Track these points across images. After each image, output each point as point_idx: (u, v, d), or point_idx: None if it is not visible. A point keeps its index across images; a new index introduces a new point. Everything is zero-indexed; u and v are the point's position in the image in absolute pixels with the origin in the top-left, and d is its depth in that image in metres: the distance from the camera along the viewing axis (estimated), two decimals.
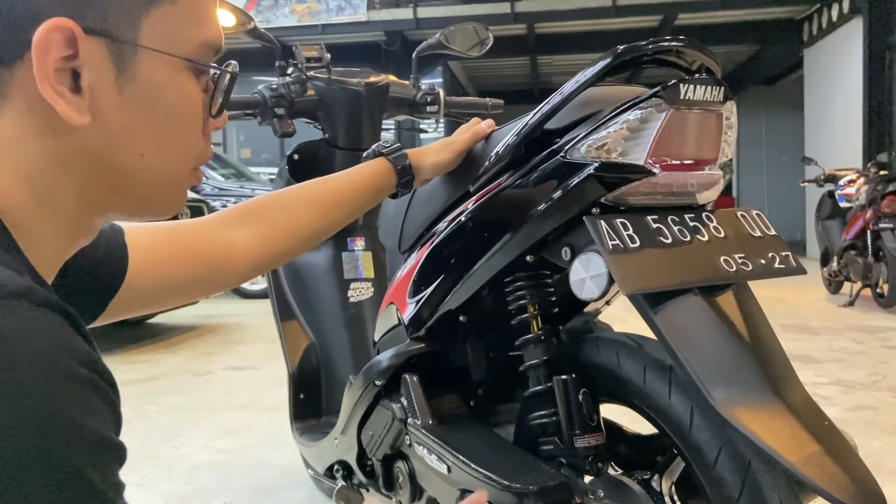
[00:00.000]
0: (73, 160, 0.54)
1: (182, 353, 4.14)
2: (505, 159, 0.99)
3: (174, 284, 0.90)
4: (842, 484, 0.67)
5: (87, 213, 0.58)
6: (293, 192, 1.03)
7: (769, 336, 0.80)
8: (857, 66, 8.17)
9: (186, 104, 0.59)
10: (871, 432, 2.50)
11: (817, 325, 4.70)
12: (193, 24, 0.58)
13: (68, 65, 0.51)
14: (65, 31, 0.50)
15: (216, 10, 0.61)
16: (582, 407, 0.95)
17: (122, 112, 0.54)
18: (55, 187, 0.54)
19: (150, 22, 0.54)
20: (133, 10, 0.53)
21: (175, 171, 0.61)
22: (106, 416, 0.45)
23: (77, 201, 0.56)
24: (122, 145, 0.56)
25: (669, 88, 0.83)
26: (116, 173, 0.56)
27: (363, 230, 1.75)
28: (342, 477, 1.45)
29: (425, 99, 1.75)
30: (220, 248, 0.93)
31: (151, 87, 0.55)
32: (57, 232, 0.56)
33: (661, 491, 0.91)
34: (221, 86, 0.61)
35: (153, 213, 0.63)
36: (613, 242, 0.80)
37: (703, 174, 0.89)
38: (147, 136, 0.57)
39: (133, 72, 0.54)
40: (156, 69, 0.55)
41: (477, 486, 0.97)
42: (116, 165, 0.56)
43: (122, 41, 0.53)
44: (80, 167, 0.55)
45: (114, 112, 0.54)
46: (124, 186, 0.58)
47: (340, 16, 9.31)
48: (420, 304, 1.13)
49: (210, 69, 0.60)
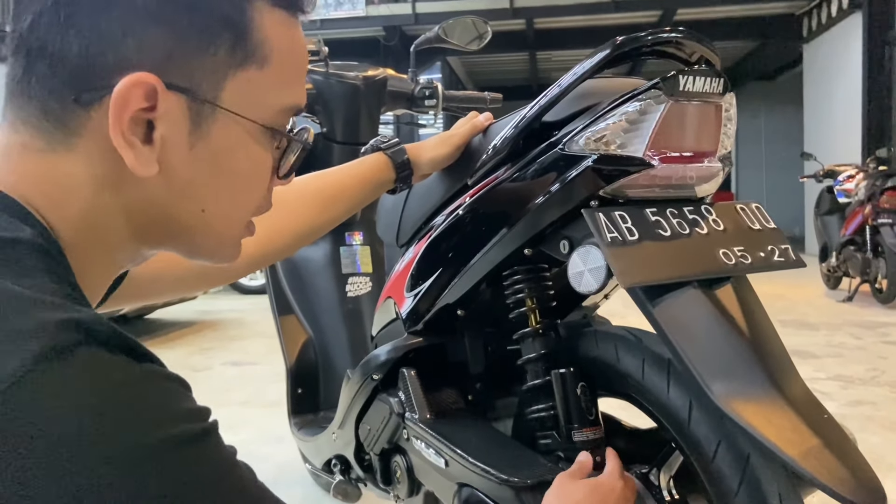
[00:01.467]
0: (134, 208, 0.54)
1: (180, 348, 4.14)
2: (503, 152, 0.99)
3: (175, 277, 0.91)
4: (841, 477, 0.66)
5: (139, 247, 0.58)
6: (291, 188, 1.02)
7: (768, 329, 0.80)
8: (857, 62, 8.16)
9: (255, 167, 0.58)
10: (870, 427, 2.50)
11: (816, 320, 4.70)
12: (278, 90, 0.57)
13: (144, 115, 0.51)
14: (147, 87, 0.49)
15: (305, 73, 0.60)
16: (580, 401, 0.95)
17: (190, 168, 0.54)
18: (113, 229, 0.54)
19: (234, 84, 0.54)
20: (219, 71, 0.53)
21: (234, 227, 0.61)
22: None
23: (131, 240, 0.56)
24: (185, 200, 0.55)
25: (668, 80, 0.83)
26: (176, 224, 0.57)
27: (361, 225, 1.75)
28: (340, 471, 1.45)
29: (423, 93, 1.74)
30: None
31: (223, 148, 0.55)
32: (105, 262, 0.56)
33: (660, 485, 0.91)
34: (293, 148, 0.61)
35: (207, 260, 0.63)
36: (612, 235, 0.80)
37: (703, 166, 0.88)
38: (210, 194, 0.56)
39: (208, 130, 0.54)
40: (230, 130, 0.55)
41: (475, 480, 0.97)
42: (177, 218, 0.56)
43: (203, 100, 0.52)
44: (140, 216, 0.55)
45: (182, 167, 0.54)
46: (182, 236, 0.58)
47: (339, 11, 9.29)
48: (418, 299, 1.13)
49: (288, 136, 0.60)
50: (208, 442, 0.46)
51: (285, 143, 0.60)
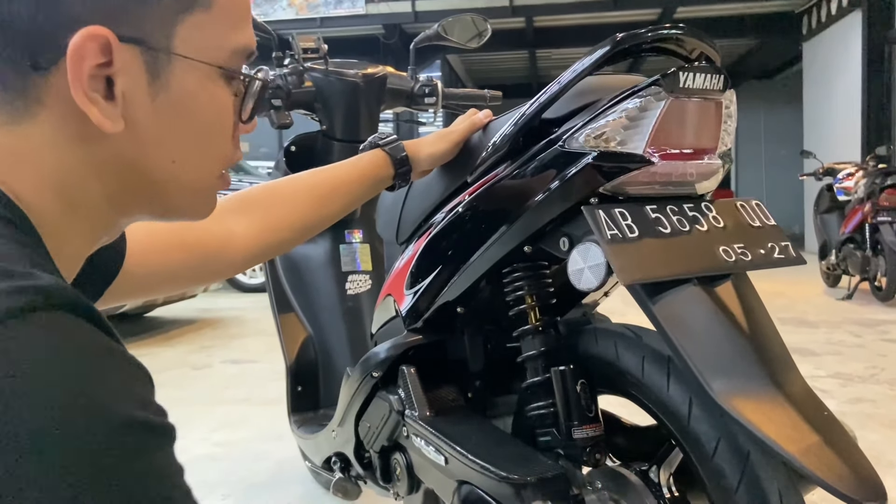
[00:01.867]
0: (104, 167, 0.54)
1: (180, 346, 4.14)
2: (503, 149, 0.99)
3: (171, 272, 0.90)
4: (841, 474, 0.67)
5: (114, 215, 0.58)
6: (290, 182, 1.03)
7: (768, 326, 0.80)
8: (857, 60, 8.16)
9: (218, 111, 0.59)
10: (870, 425, 2.50)
11: (815, 318, 4.70)
12: (227, 31, 0.57)
13: (102, 72, 0.51)
14: (100, 39, 0.49)
15: (250, 14, 0.61)
16: (580, 398, 0.95)
17: (155, 119, 0.54)
18: (85, 192, 0.54)
19: (184, 30, 0.54)
20: (167, 18, 0.53)
21: (206, 177, 0.61)
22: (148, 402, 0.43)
23: (106, 205, 0.56)
24: (155, 152, 0.55)
25: (668, 77, 0.83)
26: (148, 180, 0.56)
27: (361, 222, 1.75)
28: (340, 469, 1.45)
29: (423, 90, 1.74)
30: (217, 236, 0.93)
31: (184, 95, 0.55)
32: (81, 232, 0.56)
33: (660, 482, 0.91)
34: (252, 91, 0.61)
35: (184, 217, 0.63)
36: (612, 232, 0.80)
37: (703, 163, 0.88)
38: (179, 143, 0.57)
39: (166, 79, 0.54)
40: (188, 77, 0.55)
41: (475, 477, 0.97)
42: (148, 172, 0.56)
43: (156, 49, 0.53)
44: (111, 174, 0.55)
45: (146, 119, 0.54)
46: (155, 192, 0.58)
47: (339, 9, 9.28)
48: (417, 296, 1.13)
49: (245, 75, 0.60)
50: (170, 442, 0.42)
51: (243, 87, 0.61)
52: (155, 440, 0.41)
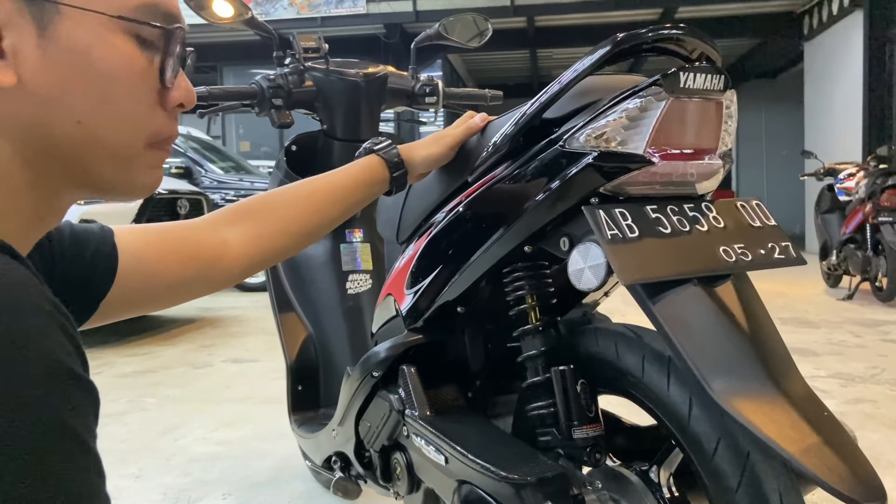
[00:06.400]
0: (13, 136, 0.52)
1: (181, 345, 4.14)
2: (503, 149, 0.99)
3: (166, 285, 0.88)
4: (841, 475, 0.66)
5: (42, 188, 0.55)
6: (286, 191, 1.03)
7: (768, 327, 0.80)
8: (858, 60, 8.15)
9: (122, 67, 0.55)
10: (870, 425, 2.50)
11: (816, 318, 4.70)
12: None
13: None
14: None
15: None
16: (580, 398, 0.95)
17: (47, 74, 0.52)
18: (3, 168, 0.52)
19: None
20: None
21: (128, 144, 0.57)
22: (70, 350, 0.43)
23: (34, 183, 0.54)
24: (54, 110, 0.53)
25: (669, 77, 0.83)
26: (55, 142, 0.54)
27: (361, 222, 1.75)
28: (340, 468, 1.45)
29: (424, 90, 1.74)
30: (212, 247, 0.92)
31: (77, 47, 0.53)
32: (15, 208, 0.54)
33: (660, 482, 0.91)
34: (171, 49, 0.58)
35: (116, 192, 0.60)
36: (612, 232, 0.80)
37: (703, 163, 0.88)
38: (80, 102, 0.54)
39: (55, 30, 0.52)
40: (81, 28, 0.53)
41: (475, 477, 0.97)
42: (52, 133, 0.54)
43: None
44: (23, 144, 0.53)
45: (38, 74, 0.52)
46: (72, 159, 0.55)
47: (340, 8, 9.28)
48: (418, 296, 1.13)
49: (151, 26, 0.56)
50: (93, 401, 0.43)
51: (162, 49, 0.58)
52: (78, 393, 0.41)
